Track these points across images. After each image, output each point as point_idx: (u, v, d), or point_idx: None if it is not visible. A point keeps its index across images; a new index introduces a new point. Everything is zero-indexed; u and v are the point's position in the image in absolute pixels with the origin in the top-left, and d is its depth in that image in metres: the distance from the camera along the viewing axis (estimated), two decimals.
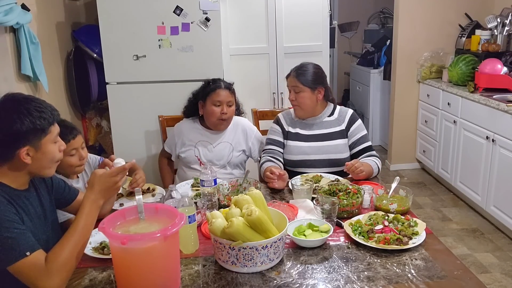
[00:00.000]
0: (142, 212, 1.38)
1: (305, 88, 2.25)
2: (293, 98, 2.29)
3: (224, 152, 2.43)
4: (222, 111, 2.34)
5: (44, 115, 1.39)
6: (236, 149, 2.45)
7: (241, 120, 2.53)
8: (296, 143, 2.32)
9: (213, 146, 2.44)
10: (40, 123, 1.37)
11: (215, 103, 2.34)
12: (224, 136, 2.45)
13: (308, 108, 2.30)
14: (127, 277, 1.32)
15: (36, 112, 1.37)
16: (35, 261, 1.28)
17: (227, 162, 2.43)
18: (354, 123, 2.32)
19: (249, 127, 2.52)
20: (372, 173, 2.18)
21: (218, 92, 2.35)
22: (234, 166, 2.48)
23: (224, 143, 2.44)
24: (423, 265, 1.43)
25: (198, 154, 2.44)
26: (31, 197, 1.47)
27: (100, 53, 3.09)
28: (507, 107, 2.95)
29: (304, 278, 1.38)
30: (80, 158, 1.96)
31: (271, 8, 3.36)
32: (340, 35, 5.88)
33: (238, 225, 1.37)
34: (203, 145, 2.44)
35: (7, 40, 2.49)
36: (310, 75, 2.27)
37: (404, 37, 4.16)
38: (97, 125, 3.76)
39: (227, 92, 2.37)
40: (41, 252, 1.31)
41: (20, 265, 1.27)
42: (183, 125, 2.52)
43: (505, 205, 3.06)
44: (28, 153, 1.37)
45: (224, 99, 2.35)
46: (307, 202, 1.84)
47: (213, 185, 1.83)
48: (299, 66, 2.32)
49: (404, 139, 4.44)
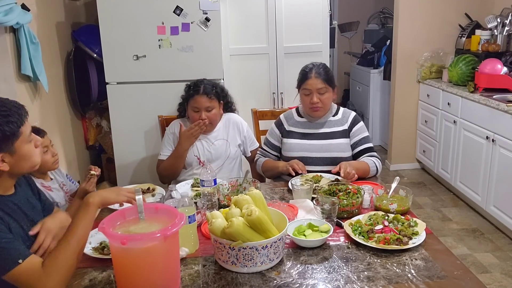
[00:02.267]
0: (142, 212, 1.38)
1: (329, 88, 2.26)
2: (317, 101, 2.24)
3: (221, 149, 2.46)
4: (200, 117, 2.35)
5: (11, 118, 1.30)
6: (232, 144, 2.48)
7: (232, 116, 2.55)
8: (298, 141, 2.32)
9: (211, 143, 2.46)
10: (9, 128, 1.29)
11: (194, 109, 2.38)
12: (219, 134, 2.48)
13: (328, 107, 2.31)
14: (127, 277, 1.32)
15: (2, 118, 1.28)
16: (29, 267, 1.26)
17: (226, 158, 2.46)
18: (356, 124, 2.32)
19: (240, 122, 2.54)
20: (368, 172, 2.18)
21: (195, 99, 2.37)
22: (232, 160, 2.50)
23: (221, 140, 2.47)
24: (423, 265, 1.43)
25: (197, 154, 2.44)
26: (19, 200, 1.44)
27: (100, 53, 3.09)
28: (507, 107, 2.95)
29: (304, 278, 1.38)
30: (53, 155, 2.03)
31: (271, 8, 3.36)
32: (340, 35, 5.88)
33: (238, 225, 1.37)
34: (201, 143, 2.46)
35: (7, 40, 2.49)
36: (329, 75, 2.28)
37: (404, 37, 4.16)
38: (97, 125, 3.76)
39: (205, 98, 2.36)
40: (34, 257, 1.29)
41: (16, 274, 1.25)
42: (174, 128, 2.50)
43: (505, 205, 3.06)
44: (3, 159, 1.32)
45: (201, 105, 2.35)
46: (307, 202, 1.84)
47: (213, 185, 1.83)
48: (315, 67, 2.27)
49: (404, 139, 4.44)
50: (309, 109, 2.29)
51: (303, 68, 2.32)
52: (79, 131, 3.67)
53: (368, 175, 2.19)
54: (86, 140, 3.75)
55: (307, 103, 2.27)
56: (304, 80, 2.27)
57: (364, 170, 2.16)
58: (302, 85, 2.28)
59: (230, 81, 3.31)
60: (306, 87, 2.25)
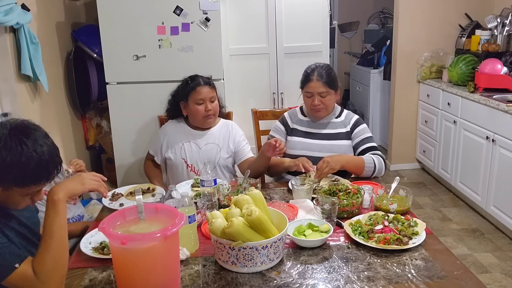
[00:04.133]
0: (142, 212, 1.38)
1: (331, 90, 2.25)
2: (319, 103, 2.24)
3: (211, 153, 2.37)
4: (206, 108, 2.30)
5: (43, 172, 1.30)
6: (224, 150, 2.39)
7: (228, 122, 2.48)
8: (301, 139, 2.32)
9: (199, 147, 2.38)
10: (30, 178, 1.28)
11: (198, 101, 2.30)
12: (211, 137, 2.40)
13: (331, 108, 2.31)
14: (127, 277, 1.32)
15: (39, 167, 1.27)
16: (26, 271, 1.25)
17: (216, 164, 2.37)
18: (358, 126, 2.31)
19: (234, 128, 2.45)
20: (362, 166, 2.13)
21: (198, 90, 2.30)
22: (223, 168, 2.41)
23: (211, 144, 2.39)
24: (423, 265, 1.43)
25: (184, 156, 2.37)
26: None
27: (100, 53, 3.09)
28: (507, 107, 2.95)
29: (304, 278, 1.38)
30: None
31: (271, 8, 3.36)
32: (340, 35, 5.88)
33: (238, 225, 1.36)
34: (190, 146, 2.38)
35: (7, 40, 2.49)
36: (332, 77, 2.26)
37: (404, 37, 4.16)
38: (97, 125, 3.76)
39: (207, 88, 2.32)
40: (30, 260, 1.28)
41: (13, 279, 1.24)
42: (168, 126, 2.46)
43: (505, 205, 3.06)
44: None
45: (206, 96, 2.30)
46: (307, 202, 1.84)
47: (213, 185, 1.83)
48: (317, 69, 2.26)
49: (404, 139, 4.44)
50: (311, 110, 2.30)
51: (306, 69, 2.33)
52: (79, 131, 3.67)
53: (363, 171, 2.14)
54: (86, 140, 3.75)
55: (309, 105, 2.28)
56: (306, 82, 2.27)
57: (356, 165, 2.13)
58: (305, 87, 2.29)
59: (230, 81, 3.31)
60: (307, 89, 2.26)
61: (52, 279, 1.27)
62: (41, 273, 1.26)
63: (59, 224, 1.31)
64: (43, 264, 1.27)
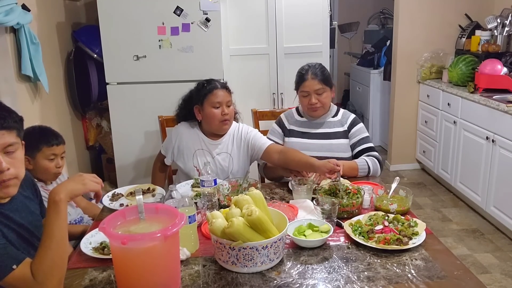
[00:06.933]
0: (142, 212, 1.38)
1: (327, 88, 2.26)
2: (316, 101, 2.24)
3: (224, 164, 2.29)
4: (223, 112, 2.20)
5: None
6: (236, 160, 2.30)
7: (236, 125, 2.36)
8: (299, 140, 2.33)
9: (212, 157, 2.29)
10: None
11: (214, 105, 2.20)
12: (223, 146, 2.30)
13: (328, 106, 2.32)
14: (127, 277, 1.32)
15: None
16: (23, 273, 1.24)
17: (229, 173, 2.29)
18: (356, 125, 2.32)
19: (244, 129, 2.34)
20: (355, 170, 2.14)
21: (215, 93, 2.21)
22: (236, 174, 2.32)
23: (224, 154, 2.30)
24: (423, 265, 1.43)
25: (196, 164, 2.29)
26: (17, 208, 1.42)
27: (100, 54, 3.09)
28: (507, 108, 2.95)
29: (304, 278, 1.38)
30: (56, 165, 2.06)
31: (271, 8, 3.36)
32: (340, 36, 5.89)
33: (238, 225, 1.37)
34: (202, 155, 2.29)
35: (8, 40, 2.49)
36: (325, 74, 2.28)
37: (404, 38, 4.17)
38: (97, 125, 3.76)
39: (224, 91, 2.23)
40: (28, 261, 1.27)
41: (10, 280, 1.23)
42: (180, 128, 2.35)
43: (505, 206, 3.06)
44: None
45: (223, 99, 2.21)
46: (307, 202, 1.84)
47: (213, 185, 1.83)
48: (311, 69, 2.27)
49: (404, 140, 4.45)
50: (308, 110, 2.30)
51: (299, 70, 2.34)
52: (79, 131, 3.67)
53: (357, 174, 2.15)
54: (86, 140, 3.75)
55: (306, 104, 2.28)
56: (301, 82, 2.28)
57: (350, 168, 2.13)
58: (300, 87, 2.29)
59: (230, 82, 3.30)
60: (303, 89, 2.27)
61: (50, 280, 1.26)
62: (38, 274, 1.25)
63: (59, 225, 1.30)
64: (41, 265, 1.26)
